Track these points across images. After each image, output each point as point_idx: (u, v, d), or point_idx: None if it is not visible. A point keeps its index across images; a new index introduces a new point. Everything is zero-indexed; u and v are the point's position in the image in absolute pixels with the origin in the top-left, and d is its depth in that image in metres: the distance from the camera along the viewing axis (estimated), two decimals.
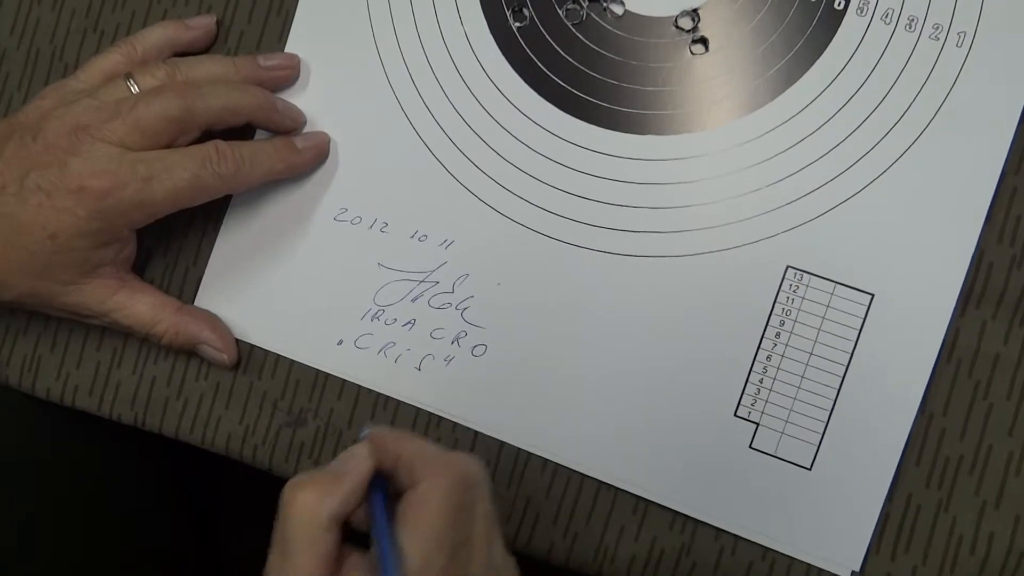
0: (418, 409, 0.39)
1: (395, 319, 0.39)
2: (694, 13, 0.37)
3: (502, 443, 0.38)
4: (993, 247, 0.36)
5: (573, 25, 0.38)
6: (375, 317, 0.39)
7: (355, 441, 0.36)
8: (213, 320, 0.39)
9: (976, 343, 0.35)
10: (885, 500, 0.35)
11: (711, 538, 0.36)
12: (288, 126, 0.39)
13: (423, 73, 0.39)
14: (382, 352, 0.39)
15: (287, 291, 0.39)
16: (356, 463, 0.31)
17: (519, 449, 0.38)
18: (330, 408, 0.39)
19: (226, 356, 0.39)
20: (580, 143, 0.38)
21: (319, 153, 0.39)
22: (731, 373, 0.36)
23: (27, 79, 0.42)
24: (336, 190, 0.39)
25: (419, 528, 0.29)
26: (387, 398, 0.39)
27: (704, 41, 0.37)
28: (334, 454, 0.39)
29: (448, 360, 0.38)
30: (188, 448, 0.41)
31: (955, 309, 0.35)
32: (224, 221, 0.40)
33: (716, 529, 0.36)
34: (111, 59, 0.38)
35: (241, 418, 0.40)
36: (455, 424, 0.38)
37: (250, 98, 0.37)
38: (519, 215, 0.38)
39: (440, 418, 0.39)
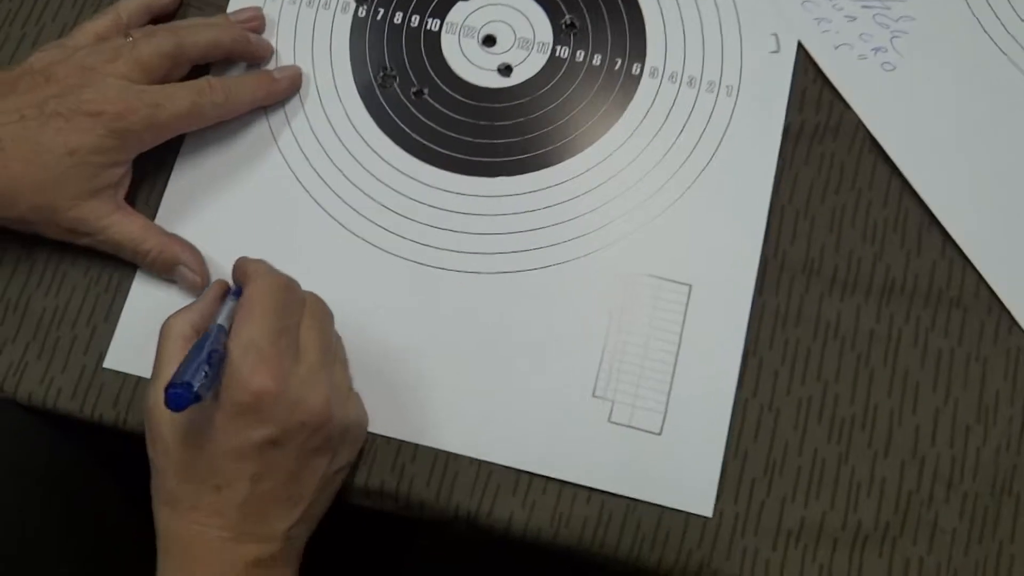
0: None
1: None
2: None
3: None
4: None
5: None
6: None
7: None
8: (192, 248, 0.44)
9: (854, 323, 0.43)
10: (726, 453, 0.42)
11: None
12: (261, 55, 0.47)
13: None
14: None
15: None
16: (211, 286, 0.42)
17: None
18: None
19: (200, 279, 0.43)
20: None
21: (293, 82, 0.46)
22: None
23: None
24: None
25: (244, 316, 0.37)
26: None
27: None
28: None
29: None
30: None
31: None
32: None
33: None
34: (101, 23, 0.45)
35: None
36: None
37: (229, 32, 0.45)
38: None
39: None
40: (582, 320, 0.44)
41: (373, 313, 0.44)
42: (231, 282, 0.43)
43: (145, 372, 0.44)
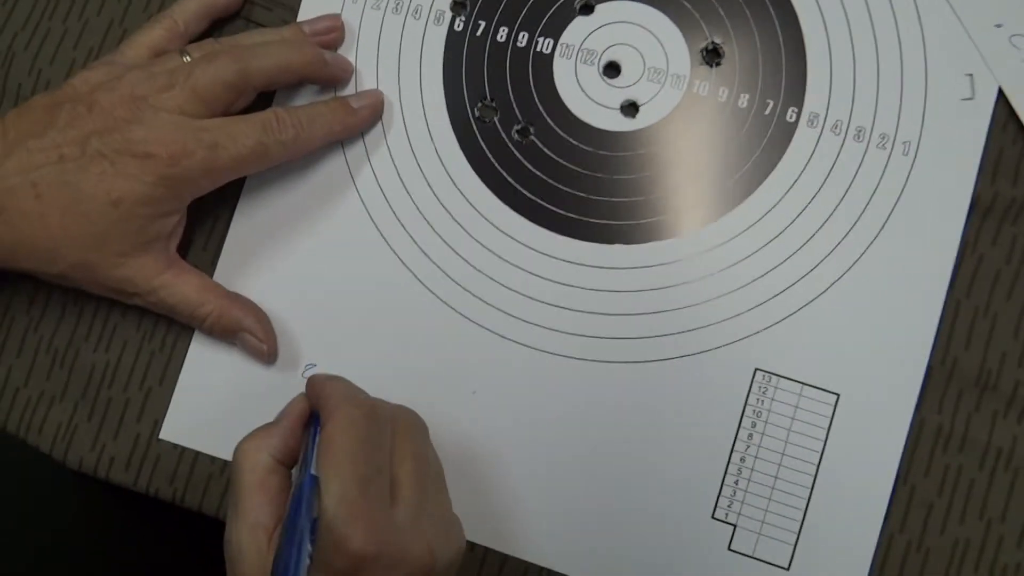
0: None
1: None
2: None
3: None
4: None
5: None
6: None
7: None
8: (257, 310, 0.39)
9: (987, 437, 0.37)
10: None
11: None
12: (339, 77, 0.40)
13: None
14: None
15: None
16: (290, 406, 0.34)
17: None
18: None
19: (266, 347, 0.38)
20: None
21: (374, 112, 0.39)
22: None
23: None
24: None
25: (329, 465, 0.31)
26: None
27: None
28: None
29: None
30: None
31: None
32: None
33: None
34: (154, 34, 0.39)
35: None
36: None
37: (301, 54, 0.38)
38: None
39: None
40: (705, 427, 0.37)
41: (462, 398, 0.38)
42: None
43: (205, 447, 0.39)
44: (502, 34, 0.40)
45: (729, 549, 0.37)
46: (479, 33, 0.40)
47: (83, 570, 0.42)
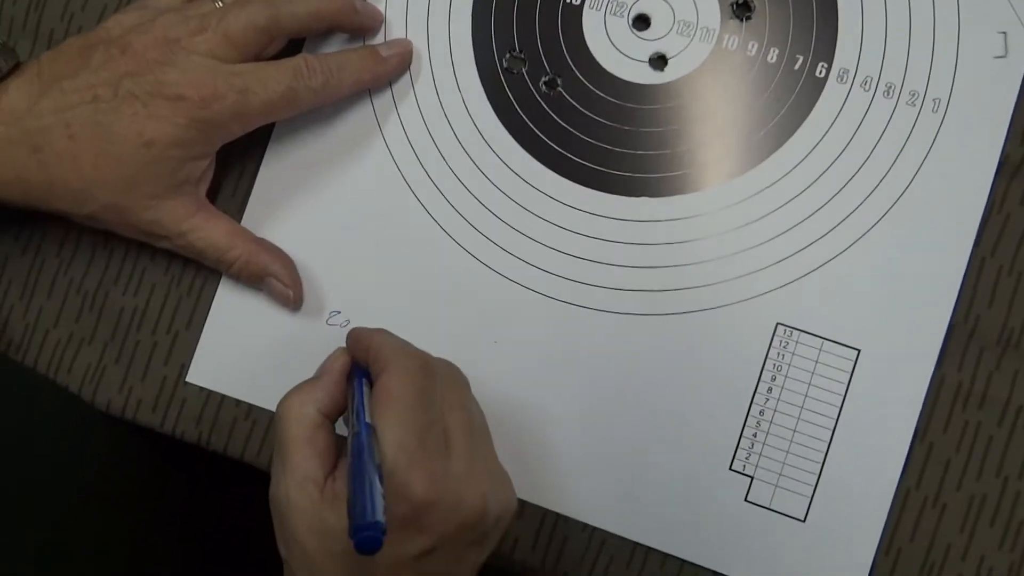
0: None
1: None
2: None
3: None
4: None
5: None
6: None
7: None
8: (284, 256, 0.39)
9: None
10: (877, 551, 0.37)
11: None
12: (369, 26, 0.40)
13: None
14: None
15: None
16: (332, 361, 0.35)
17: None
18: None
19: (291, 293, 0.39)
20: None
21: (403, 61, 0.39)
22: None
23: None
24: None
25: (387, 414, 0.31)
26: None
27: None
28: None
29: None
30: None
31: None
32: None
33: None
34: None
35: None
36: None
37: (331, 1, 0.38)
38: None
39: None
40: (726, 379, 0.38)
41: (486, 348, 0.39)
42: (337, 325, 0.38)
43: (230, 391, 0.40)
44: None
45: (746, 500, 0.37)
46: None
47: (112, 506, 0.43)
